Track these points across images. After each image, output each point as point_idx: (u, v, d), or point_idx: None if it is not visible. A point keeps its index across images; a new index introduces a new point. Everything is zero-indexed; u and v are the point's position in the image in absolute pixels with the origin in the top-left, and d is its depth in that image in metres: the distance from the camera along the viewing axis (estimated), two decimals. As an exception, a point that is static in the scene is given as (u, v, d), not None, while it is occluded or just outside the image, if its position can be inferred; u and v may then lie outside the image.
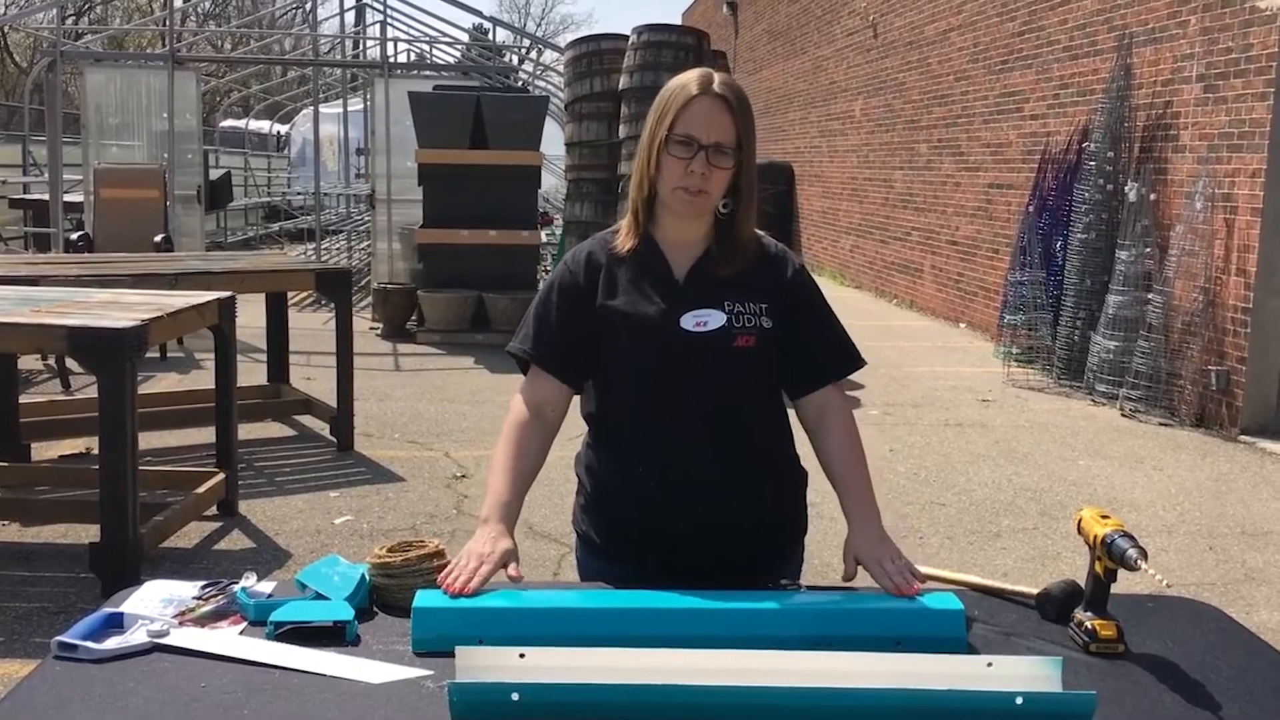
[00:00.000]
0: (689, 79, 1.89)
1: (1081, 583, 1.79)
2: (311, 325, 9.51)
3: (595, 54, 9.67)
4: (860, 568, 1.84)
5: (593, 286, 1.95)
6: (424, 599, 1.66)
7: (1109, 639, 1.67)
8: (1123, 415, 7.54)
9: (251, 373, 6.93)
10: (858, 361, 2.03)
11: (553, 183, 17.66)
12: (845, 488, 1.93)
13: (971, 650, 1.64)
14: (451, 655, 1.46)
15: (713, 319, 1.90)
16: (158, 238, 9.25)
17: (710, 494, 1.93)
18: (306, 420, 6.64)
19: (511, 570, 1.77)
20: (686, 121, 1.85)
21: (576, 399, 2.04)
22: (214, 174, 14.46)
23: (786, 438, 2.04)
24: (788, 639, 1.60)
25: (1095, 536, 1.73)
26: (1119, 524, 1.73)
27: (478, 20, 17.07)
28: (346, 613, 1.65)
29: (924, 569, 1.94)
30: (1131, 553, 1.65)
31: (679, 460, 1.92)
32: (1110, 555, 1.69)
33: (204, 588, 1.77)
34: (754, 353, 1.91)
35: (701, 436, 1.92)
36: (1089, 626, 1.68)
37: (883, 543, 1.85)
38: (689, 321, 1.90)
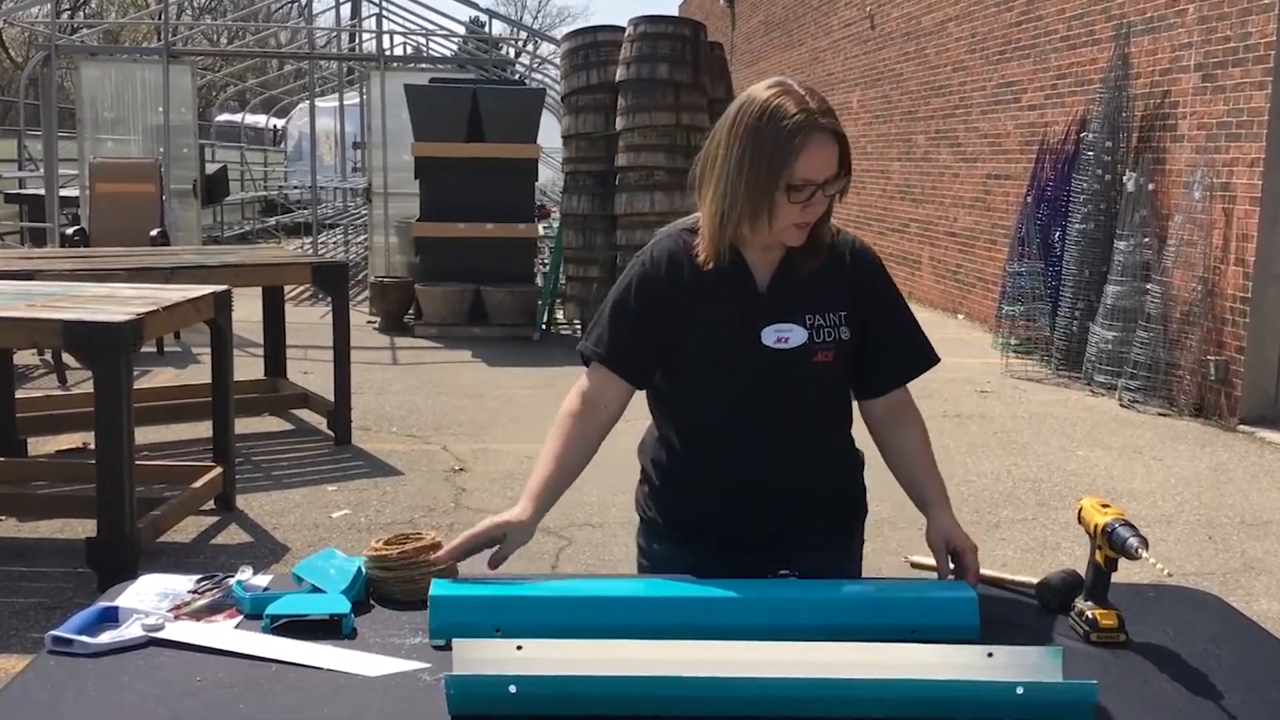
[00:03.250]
0: (792, 114, 1.75)
1: (1082, 572, 1.79)
2: (308, 319, 9.50)
3: (592, 46, 9.64)
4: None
5: (673, 288, 1.90)
6: (440, 588, 1.65)
7: (1110, 628, 1.66)
8: (1121, 405, 7.54)
9: (248, 367, 6.92)
10: (933, 359, 2.00)
11: (550, 175, 17.63)
12: (927, 478, 1.93)
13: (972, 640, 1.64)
14: None
15: (794, 335, 1.87)
16: (154, 232, 9.24)
17: (778, 499, 1.93)
18: (304, 414, 6.63)
19: (492, 555, 1.77)
20: (803, 167, 1.76)
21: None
22: (210, 168, 14.45)
23: (849, 429, 2.03)
24: (801, 628, 1.60)
25: (1096, 525, 1.72)
26: (1119, 513, 1.72)
27: (474, 13, 17.02)
28: (343, 606, 1.64)
29: (922, 559, 1.95)
30: (1133, 541, 1.64)
31: (747, 469, 1.91)
32: (1111, 544, 1.68)
33: (200, 581, 1.76)
34: (832, 366, 1.90)
35: (775, 447, 1.91)
36: (1090, 616, 1.67)
37: (965, 533, 1.85)
38: (770, 337, 1.87)
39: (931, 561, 1.89)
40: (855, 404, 2.02)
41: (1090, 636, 1.66)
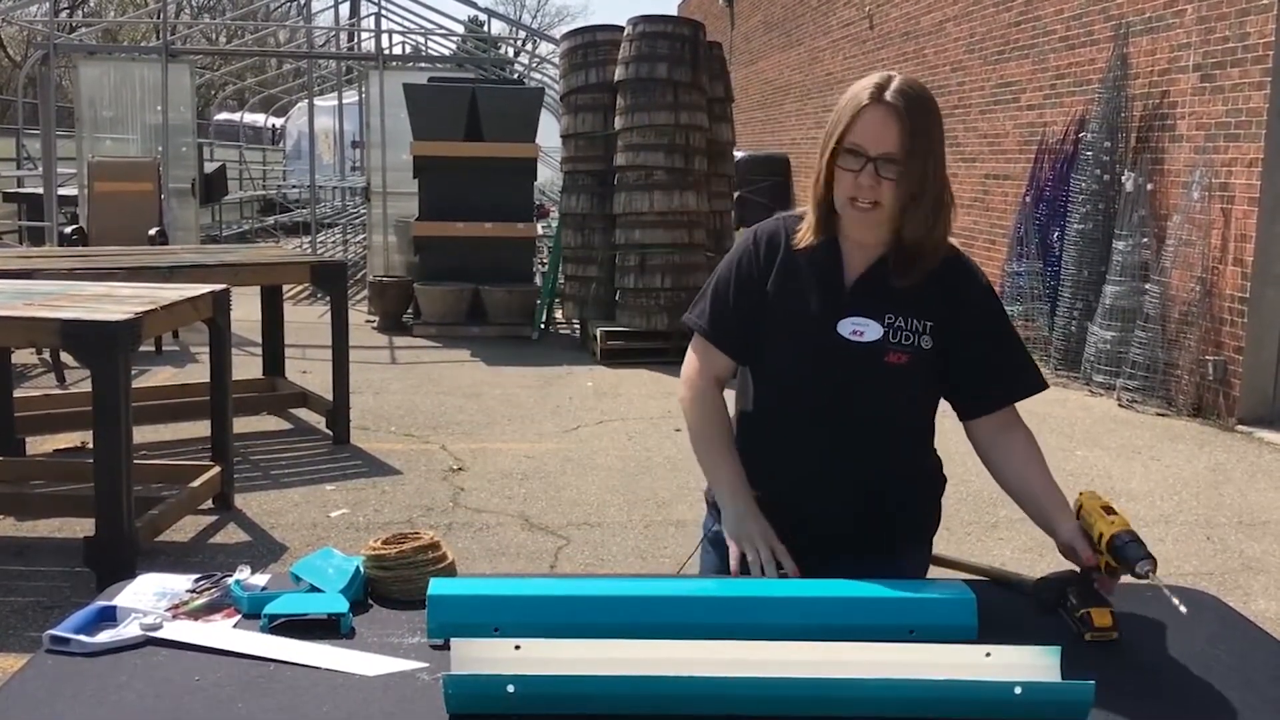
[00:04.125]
0: (865, 85, 1.83)
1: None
2: (307, 318, 9.50)
3: (591, 45, 9.64)
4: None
5: (768, 270, 1.96)
6: (438, 587, 1.65)
7: (1104, 627, 1.65)
8: (1120, 405, 7.55)
9: (247, 366, 6.92)
10: (1040, 384, 1.97)
11: (549, 175, 17.63)
12: (1045, 490, 1.89)
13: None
14: None
15: (869, 330, 1.89)
16: (152, 231, 9.23)
17: (835, 494, 1.93)
18: (302, 413, 6.63)
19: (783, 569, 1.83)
20: (857, 132, 1.81)
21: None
22: (209, 167, 14.43)
23: (929, 450, 2.04)
24: (800, 627, 1.60)
25: (1101, 535, 1.71)
26: (1125, 523, 1.71)
27: (473, 12, 17.01)
28: (341, 605, 1.64)
29: (944, 555, 1.96)
30: (1144, 565, 1.65)
31: (808, 457, 1.93)
32: (1118, 558, 1.68)
33: (198, 581, 1.76)
34: (905, 370, 1.89)
35: (840, 443, 1.92)
36: (1084, 614, 1.67)
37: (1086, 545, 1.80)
38: (846, 328, 1.89)
39: (951, 558, 1.93)
40: (963, 426, 2.01)
41: (1085, 635, 1.66)
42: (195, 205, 12.26)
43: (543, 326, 10.07)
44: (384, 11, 14.37)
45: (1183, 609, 1.64)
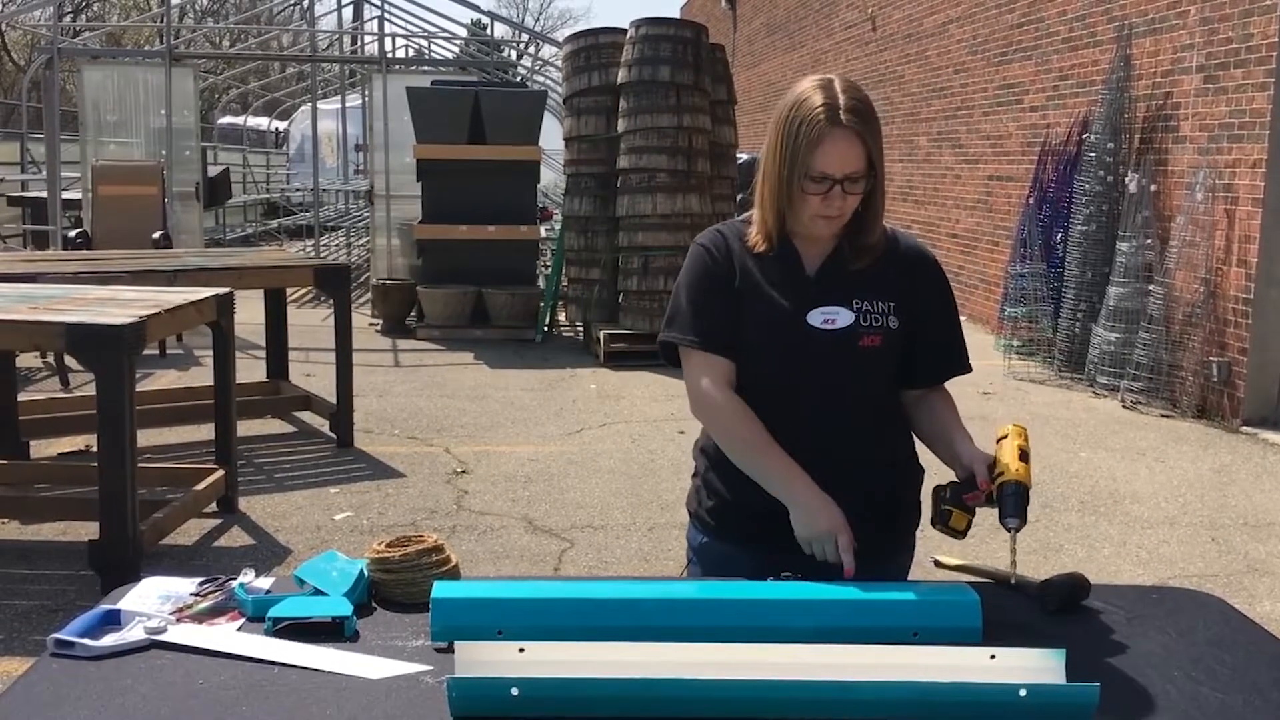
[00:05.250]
0: (813, 106, 1.85)
1: (1087, 576, 1.79)
2: (310, 321, 9.51)
3: (593, 48, 9.64)
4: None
5: (731, 273, 1.98)
6: (442, 590, 1.65)
7: (956, 529, 1.82)
8: (1124, 407, 7.54)
9: (251, 369, 6.93)
10: (966, 367, 2.07)
11: (551, 177, 17.64)
12: (955, 428, 1.97)
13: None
14: None
15: (840, 317, 1.93)
16: (156, 235, 9.25)
17: (828, 487, 1.92)
18: (306, 416, 6.63)
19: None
20: (820, 160, 1.85)
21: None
22: (212, 171, 14.44)
23: (905, 432, 2.06)
24: (803, 630, 1.60)
25: (1001, 474, 1.79)
26: (1026, 474, 1.78)
27: (476, 15, 17.03)
28: (345, 608, 1.64)
29: (947, 559, 2.00)
30: (1011, 523, 1.75)
31: (798, 454, 1.93)
32: (998, 502, 1.77)
33: (202, 584, 1.76)
34: (878, 351, 1.94)
35: (824, 432, 1.94)
36: (947, 510, 1.81)
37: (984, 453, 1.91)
38: (816, 319, 1.94)
39: (955, 561, 1.94)
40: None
41: (934, 525, 1.84)
42: (199, 209, 12.27)
43: (546, 329, 10.07)
44: (387, 15, 14.40)
45: (1012, 580, 1.79)
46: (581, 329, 9.89)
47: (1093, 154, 8.30)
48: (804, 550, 1.87)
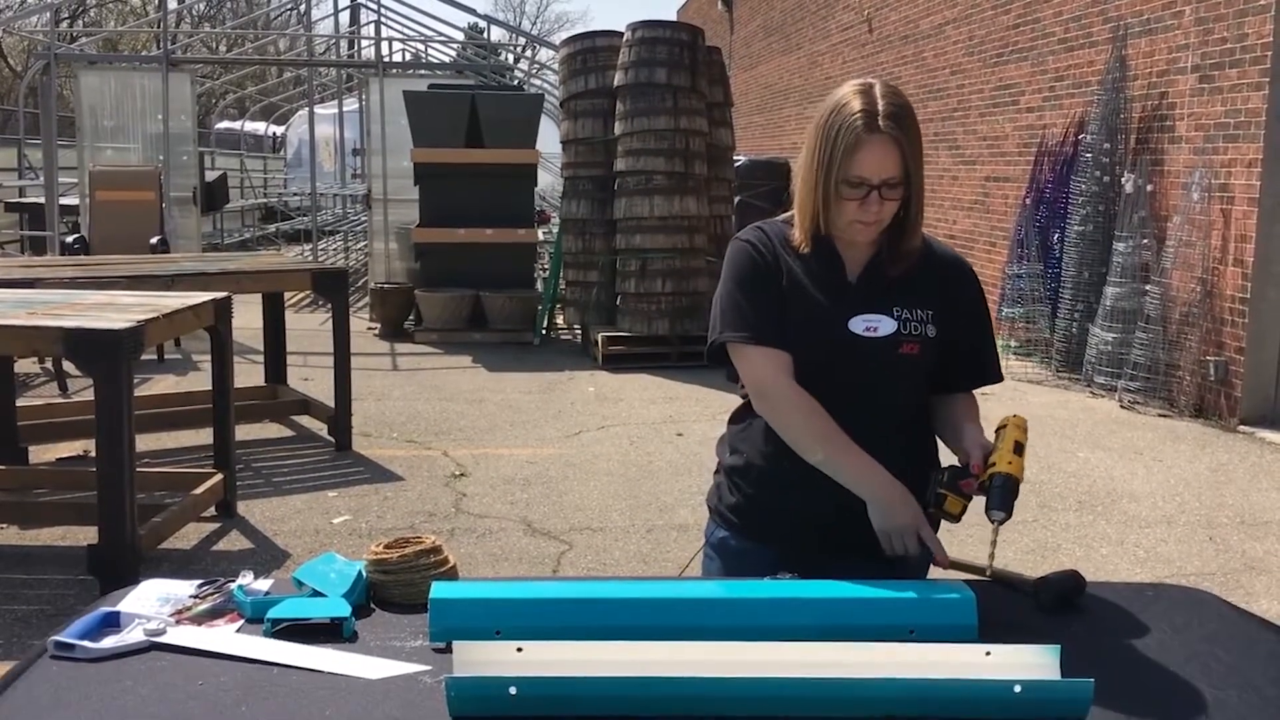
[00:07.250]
0: (853, 112, 1.85)
1: (1082, 574, 1.80)
2: (309, 326, 9.51)
3: (590, 51, 9.66)
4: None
5: (778, 268, 1.98)
6: (440, 590, 1.65)
7: (951, 513, 1.84)
8: (1121, 407, 7.55)
9: (249, 373, 6.93)
10: (999, 376, 2.11)
11: (549, 180, 17.65)
12: (965, 419, 2.01)
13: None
14: None
15: (883, 325, 1.94)
16: (154, 240, 9.24)
17: (849, 494, 1.92)
18: (304, 420, 6.64)
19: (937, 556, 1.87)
20: (858, 165, 1.85)
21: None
22: (210, 175, 14.46)
23: (931, 435, 2.08)
24: (800, 628, 1.60)
25: (994, 464, 1.83)
26: (1019, 469, 1.83)
27: (473, 19, 17.03)
28: (343, 609, 1.65)
29: (959, 558, 1.98)
30: (995, 515, 1.79)
31: None
32: (986, 492, 1.80)
33: (201, 586, 1.76)
34: (917, 359, 1.95)
35: (855, 435, 1.92)
36: (943, 494, 1.83)
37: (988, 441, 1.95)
38: (859, 325, 1.94)
39: (967, 561, 1.94)
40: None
41: (927, 508, 1.85)
42: (196, 213, 12.27)
43: (544, 332, 10.08)
44: (384, 19, 14.42)
45: (987, 573, 1.85)
46: (579, 332, 9.89)
47: (1089, 154, 8.32)
48: (881, 544, 1.88)
